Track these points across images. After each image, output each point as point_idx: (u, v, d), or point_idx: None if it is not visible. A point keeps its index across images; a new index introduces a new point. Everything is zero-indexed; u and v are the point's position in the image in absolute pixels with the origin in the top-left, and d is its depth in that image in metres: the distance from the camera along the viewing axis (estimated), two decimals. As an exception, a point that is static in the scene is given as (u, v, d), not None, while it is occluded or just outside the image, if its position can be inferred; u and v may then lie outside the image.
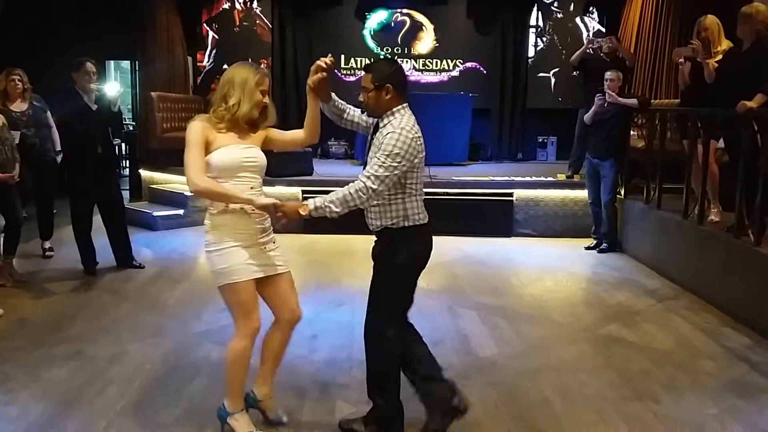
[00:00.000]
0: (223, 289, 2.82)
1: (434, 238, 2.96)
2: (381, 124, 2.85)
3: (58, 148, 6.03)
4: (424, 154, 2.84)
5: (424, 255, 2.95)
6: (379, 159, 2.68)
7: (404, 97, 2.88)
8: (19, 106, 5.74)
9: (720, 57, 5.21)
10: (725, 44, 5.29)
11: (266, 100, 2.87)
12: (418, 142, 2.78)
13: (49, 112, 6.06)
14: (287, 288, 2.96)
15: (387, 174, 2.67)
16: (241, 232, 2.79)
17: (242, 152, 2.79)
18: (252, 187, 2.80)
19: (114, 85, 5.73)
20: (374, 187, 2.66)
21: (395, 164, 2.68)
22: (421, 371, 2.99)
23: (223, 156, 2.74)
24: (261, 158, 2.86)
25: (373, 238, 2.98)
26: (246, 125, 2.85)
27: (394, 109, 2.84)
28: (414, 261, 2.92)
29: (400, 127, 2.74)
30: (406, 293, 3.00)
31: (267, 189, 7.47)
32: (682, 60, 5.67)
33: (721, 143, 5.42)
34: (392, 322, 2.91)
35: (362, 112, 3.01)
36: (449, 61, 10.18)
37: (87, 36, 9.31)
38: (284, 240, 3.15)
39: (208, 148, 2.75)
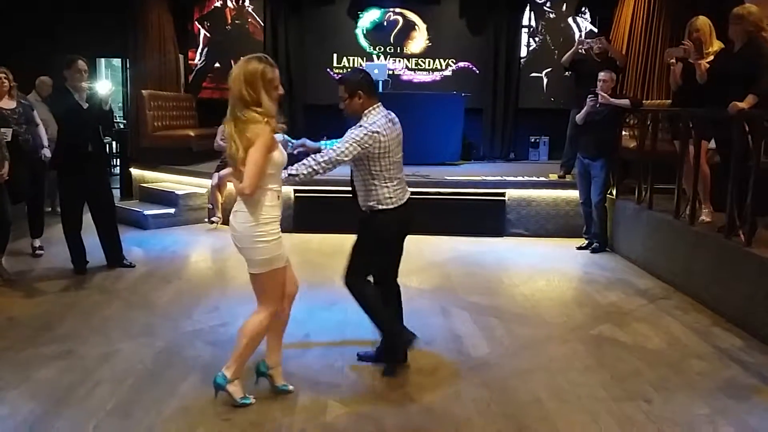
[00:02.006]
0: (264, 275, 3.11)
1: (427, 237, 3.16)
2: (361, 124, 3.42)
3: (46, 144, 5.99)
4: (386, 146, 3.39)
5: (391, 234, 3.59)
6: (341, 144, 3.34)
7: (376, 98, 3.48)
8: (8, 104, 5.70)
9: (711, 58, 5.22)
10: (717, 45, 5.31)
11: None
12: (375, 137, 3.33)
13: (35, 110, 6.02)
14: (289, 266, 3.30)
15: (338, 153, 3.31)
16: (278, 223, 3.11)
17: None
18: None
19: (105, 84, 5.70)
20: (334, 159, 3.32)
21: (348, 148, 3.31)
22: None
23: (282, 153, 3.12)
24: None
25: None
26: None
27: (368, 110, 3.43)
28: (381, 238, 3.54)
29: (368, 123, 3.37)
30: (370, 261, 3.60)
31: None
32: (673, 61, 5.68)
33: (712, 144, 5.44)
34: (355, 276, 3.55)
35: None
36: (442, 60, 10.17)
37: (78, 33, 9.28)
38: (276, 239, 3.13)
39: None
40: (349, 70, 9.29)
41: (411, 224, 3.67)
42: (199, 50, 10.20)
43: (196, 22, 10.14)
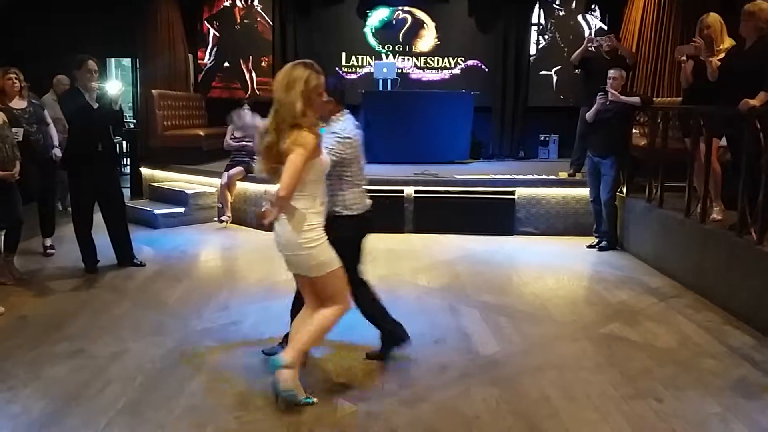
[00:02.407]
0: (329, 276, 3.17)
1: (436, 235, 3.11)
2: (327, 129, 3.42)
3: (56, 143, 6.04)
4: (356, 152, 3.43)
5: (358, 237, 3.56)
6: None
7: (343, 105, 3.51)
8: (19, 104, 5.74)
9: (722, 55, 5.19)
10: (728, 42, 5.27)
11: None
12: (348, 142, 3.36)
13: (46, 110, 6.07)
14: None
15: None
16: (322, 228, 3.16)
17: None
18: None
19: (115, 84, 5.73)
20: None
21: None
22: None
23: (326, 160, 3.17)
24: None
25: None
26: None
27: (336, 116, 3.45)
28: (347, 241, 3.42)
29: (339, 129, 3.39)
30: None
31: (259, 188, 7.47)
32: (684, 58, 5.65)
33: (723, 141, 5.40)
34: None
35: None
36: (451, 59, 10.16)
37: (88, 33, 9.34)
38: (285, 238, 3.14)
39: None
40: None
41: (371, 230, 3.65)
42: (209, 50, 10.24)
43: (206, 22, 10.19)
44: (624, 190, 6.69)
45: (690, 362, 3.83)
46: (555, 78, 10.09)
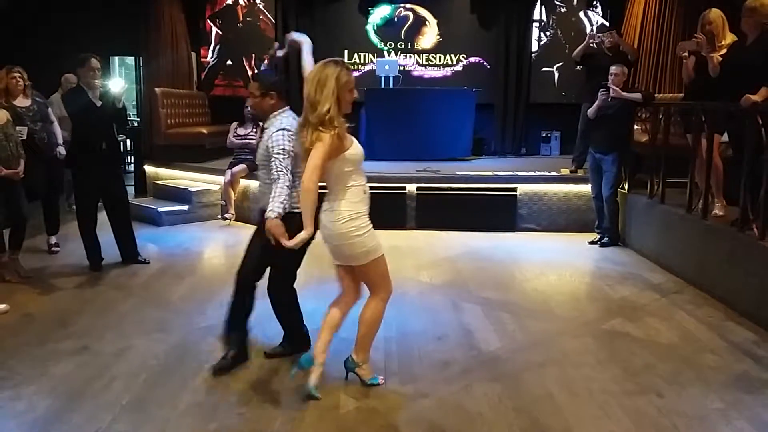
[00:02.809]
0: (372, 264, 3.26)
1: (438, 232, 3.16)
2: (266, 125, 3.50)
3: (60, 141, 6.06)
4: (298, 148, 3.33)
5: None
6: (277, 157, 3.28)
7: (285, 102, 3.53)
8: (23, 102, 5.75)
9: (724, 51, 5.19)
10: (730, 38, 5.27)
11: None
12: (293, 137, 3.32)
13: (50, 108, 6.09)
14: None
15: (286, 164, 3.28)
16: (366, 216, 3.23)
17: None
18: None
19: (118, 82, 5.75)
20: (289, 177, 3.27)
21: (286, 155, 3.29)
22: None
23: (357, 149, 3.21)
24: None
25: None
26: None
27: (277, 113, 3.48)
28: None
29: (283, 126, 3.37)
30: (297, 264, 3.67)
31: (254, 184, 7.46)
32: (686, 54, 5.65)
33: (725, 137, 5.40)
34: (290, 284, 3.79)
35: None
36: (452, 56, 10.17)
37: (91, 32, 9.35)
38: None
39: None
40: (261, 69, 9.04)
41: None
42: (211, 48, 10.25)
43: (208, 20, 10.19)
44: (626, 187, 6.69)
45: (691, 358, 3.84)
46: (557, 74, 10.08)
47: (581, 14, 9.95)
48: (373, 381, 3.44)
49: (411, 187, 7.24)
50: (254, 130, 7.60)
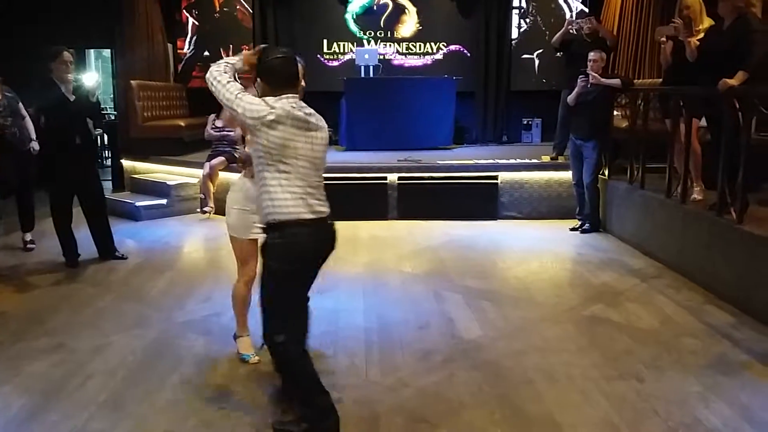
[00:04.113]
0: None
1: (419, 221, 3.09)
2: None
3: (33, 136, 5.94)
4: None
5: None
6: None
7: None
8: (-7, 97, 5.64)
9: (702, 35, 5.20)
10: (707, 22, 5.28)
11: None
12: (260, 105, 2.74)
13: (21, 102, 5.97)
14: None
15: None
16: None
17: None
18: None
19: (92, 75, 5.66)
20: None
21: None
22: None
23: None
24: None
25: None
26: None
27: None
28: None
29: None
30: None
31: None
32: (664, 39, 5.65)
33: (703, 122, 5.43)
34: None
35: None
36: (432, 44, 10.12)
37: (66, 24, 9.20)
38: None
39: None
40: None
41: None
42: (188, 39, 10.13)
43: (184, 11, 10.06)
44: (606, 173, 6.71)
45: (671, 342, 3.86)
46: (537, 62, 10.07)
47: (560, 0, 9.94)
48: (244, 357, 3.61)
49: (392, 177, 7.21)
50: (232, 121, 7.52)
